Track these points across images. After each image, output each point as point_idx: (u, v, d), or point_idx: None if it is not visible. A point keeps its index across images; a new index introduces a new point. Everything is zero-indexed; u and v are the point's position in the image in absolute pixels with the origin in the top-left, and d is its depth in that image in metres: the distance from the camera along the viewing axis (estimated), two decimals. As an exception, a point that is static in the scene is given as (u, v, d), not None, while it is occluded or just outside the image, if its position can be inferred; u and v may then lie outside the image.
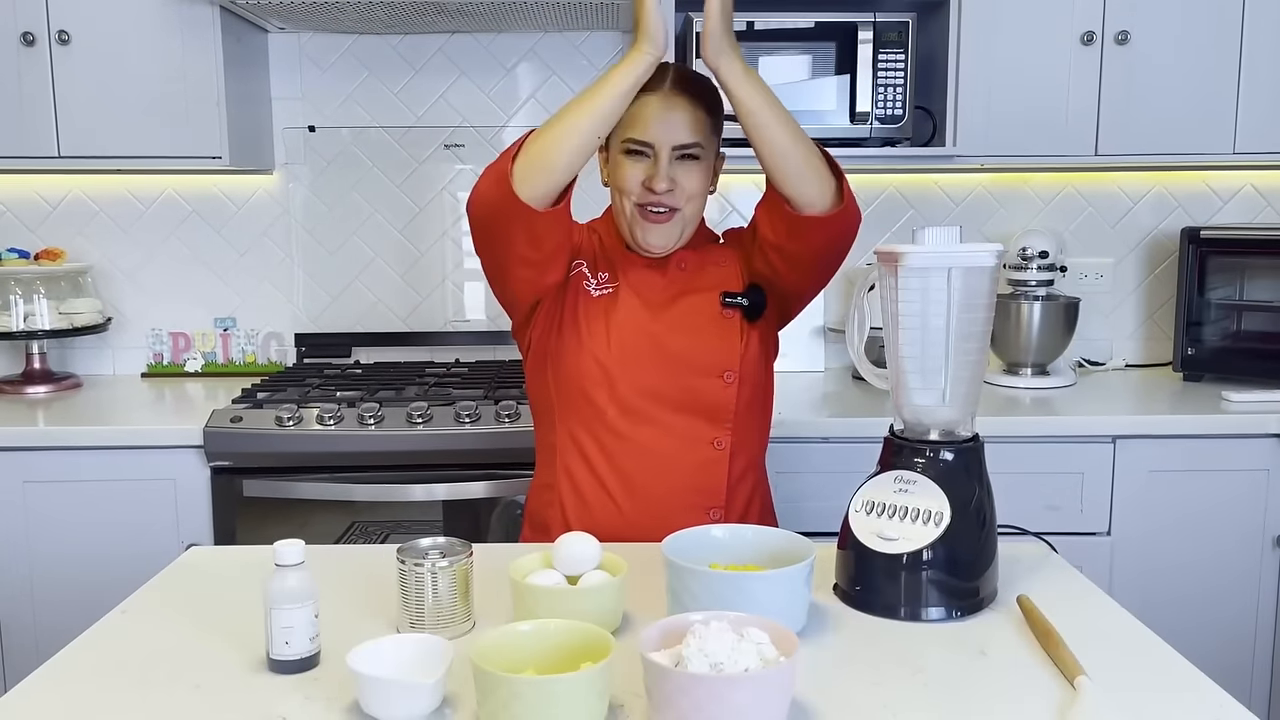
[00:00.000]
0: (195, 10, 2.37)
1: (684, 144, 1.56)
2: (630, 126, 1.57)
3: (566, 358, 1.61)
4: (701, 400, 1.59)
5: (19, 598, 2.22)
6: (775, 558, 1.23)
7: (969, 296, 1.25)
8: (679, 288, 1.64)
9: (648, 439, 1.58)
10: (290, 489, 2.19)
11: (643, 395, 1.58)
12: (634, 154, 1.58)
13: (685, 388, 1.59)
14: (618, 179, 1.61)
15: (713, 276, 1.66)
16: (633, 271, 1.65)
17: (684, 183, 1.58)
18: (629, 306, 1.61)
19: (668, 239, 1.60)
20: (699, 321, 1.61)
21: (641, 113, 1.56)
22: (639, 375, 1.58)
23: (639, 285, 1.64)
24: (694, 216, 1.62)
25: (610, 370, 1.58)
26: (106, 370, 2.83)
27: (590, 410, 1.59)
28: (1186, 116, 2.44)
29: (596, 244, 1.69)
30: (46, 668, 1.12)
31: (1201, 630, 2.29)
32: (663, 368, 1.59)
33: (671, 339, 1.60)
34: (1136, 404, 2.43)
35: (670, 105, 1.56)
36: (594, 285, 1.64)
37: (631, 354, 1.58)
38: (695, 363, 1.60)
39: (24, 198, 2.77)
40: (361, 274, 2.81)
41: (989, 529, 1.28)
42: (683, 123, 1.57)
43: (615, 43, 2.75)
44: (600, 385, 1.58)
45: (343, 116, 2.77)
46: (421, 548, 1.20)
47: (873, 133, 2.40)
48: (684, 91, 1.58)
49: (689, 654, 0.95)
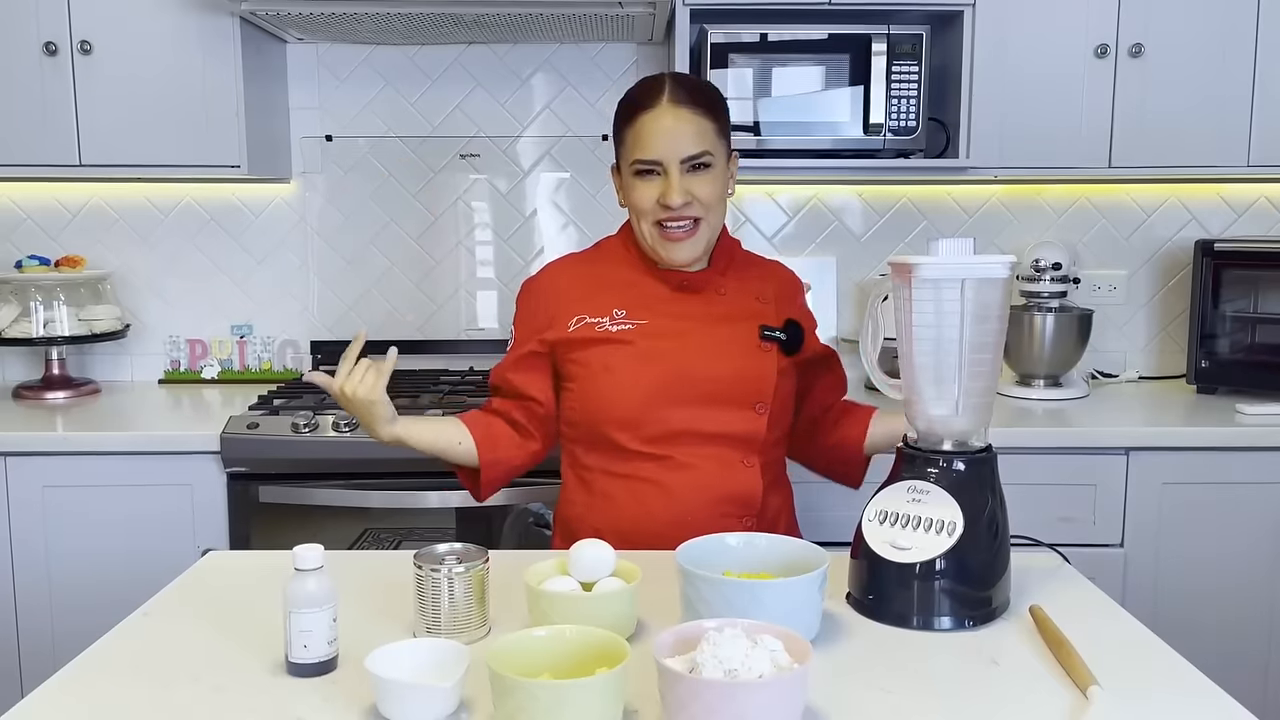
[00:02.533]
0: (215, 21, 2.40)
1: (692, 155, 1.55)
2: (635, 147, 1.57)
3: (591, 402, 1.61)
4: (732, 430, 1.59)
5: (37, 601, 2.24)
6: (789, 566, 1.24)
7: (982, 308, 1.26)
8: (718, 313, 1.63)
9: (675, 463, 1.58)
10: (305, 495, 2.21)
11: (669, 431, 1.58)
12: (645, 174, 1.57)
13: (716, 419, 1.58)
14: (632, 201, 1.60)
15: (750, 307, 1.65)
16: (661, 300, 1.63)
17: (699, 193, 1.56)
18: (655, 341, 1.59)
19: (694, 251, 1.60)
20: (734, 351, 1.60)
21: (644, 132, 1.56)
22: (668, 414, 1.57)
23: (670, 312, 1.62)
24: (717, 224, 1.62)
25: (639, 414, 1.58)
26: (125, 377, 2.86)
27: (618, 445, 1.60)
28: (1200, 129, 2.45)
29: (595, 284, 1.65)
30: (68, 669, 1.14)
31: (1215, 642, 2.28)
32: (693, 400, 1.58)
33: (705, 367, 1.58)
34: (1150, 416, 2.43)
35: (672, 118, 1.55)
36: (610, 323, 1.62)
37: (660, 394, 1.57)
38: (728, 394, 1.59)
39: (45, 205, 2.80)
40: (377, 282, 2.83)
41: (1001, 539, 1.28)
42: (687, 134, 1.55)
43: (630, 54, 2.77)
44: (626, 425, 1.58)
45: (360, 126, 2.80)
46: (438, 553, 1.21)
47: (886, 144, 2.41)
48: (683, 102, 1.56)
49: (703, 660, 0.95)
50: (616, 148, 1.65)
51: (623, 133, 1.61)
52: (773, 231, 2.83)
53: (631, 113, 1.59)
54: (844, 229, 2.82)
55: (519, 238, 2.82)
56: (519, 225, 2.82)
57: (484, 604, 1.21)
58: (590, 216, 2.81)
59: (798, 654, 0.98)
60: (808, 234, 2.83)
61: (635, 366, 1.58)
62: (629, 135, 1.58)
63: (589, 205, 2.82)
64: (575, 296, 1.65)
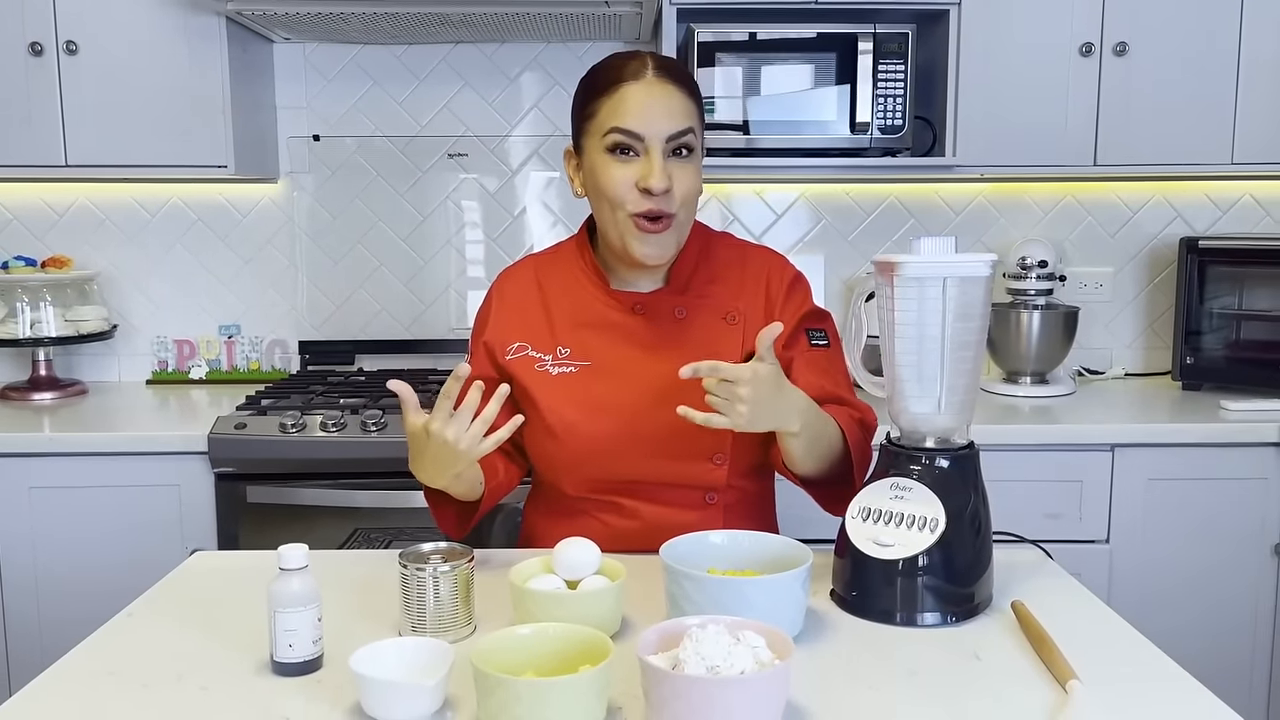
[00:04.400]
0: (202, 21, 2.40)
1: (678, 131, 1.39)
2: (615, 115, 1.39)
3: (533, 447, 1.50)
4: (686, 482, 1.47)
5: (25, 603, 2.24)
6: (773, 563, 1.24)
7: (964, 306, 1.27)
8: (670, 346, 1.46)
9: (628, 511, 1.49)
10: (294, 495, 2.21)
11: (617, 485, 1.47)
12: (620, 152, 1.40)
13: (666, 470, 1.45)
14: (604, 186, 1.41)
15: (712, 334, 1.47)
16: (609, 330, 1.48)
17: (679, 183, 1.40)
18: (601, 388, 1.45)
19: (664, 249, 1.43)
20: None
21: (629, 100, 1.39)
22: (613, 468, 1.45)
23: (617, 347, 1.47)
24: (688, 223, 1.46)
25: (582, 466, 1.46)
26: (112, 377, 2.85)
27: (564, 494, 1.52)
28: (1185, 127, 2.46)
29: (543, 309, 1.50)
30: (53, 670, 1.14)
31: (1200, 637, 2.30)
32: (641, 455, 1.44)
33: (653, 418, 1.42)
34: (1136, 413, 2.44)
35: (658, 90, 1.40)
36: (551, 363, 1.48)
37: (605, 450, 1.44)
38: (679, 446, 1.43)
39: (31, 206, 2.79)
40: (365, 282, 2.83)
41: (984, 535, 1.29)
42: (675, 109, 1.40)
43: (618, 53, 2.77)
44: (571, 476, 1.48)
45: (347, 126, 2.80)
46: (423, 552, 1.21)
47: (873, 143, 2.42)
48: (670, 78, 1.42)
49: (685, 657, 0.96)
50: (580, 124, 1.46)
51: (593, 104, 1.42)
52: (761, 230, 2.84)
53: (610, 81, 1.41)
54: (831, 227, 2.83)
55: (507, 237, 2.83)
56: (507, 224, 2.83)
57: (469, 603, 1.21)
58: (579, 215, 2.81)
59: (780, 650, 0.99)
60: (795, 232, 2.84)
61: (578, 418, 1.45)
62: (604, 105, 1.40)
63: (578, 204, 2.82)
64: (521, 319, 1.52)
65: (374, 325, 2.84)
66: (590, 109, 1.44)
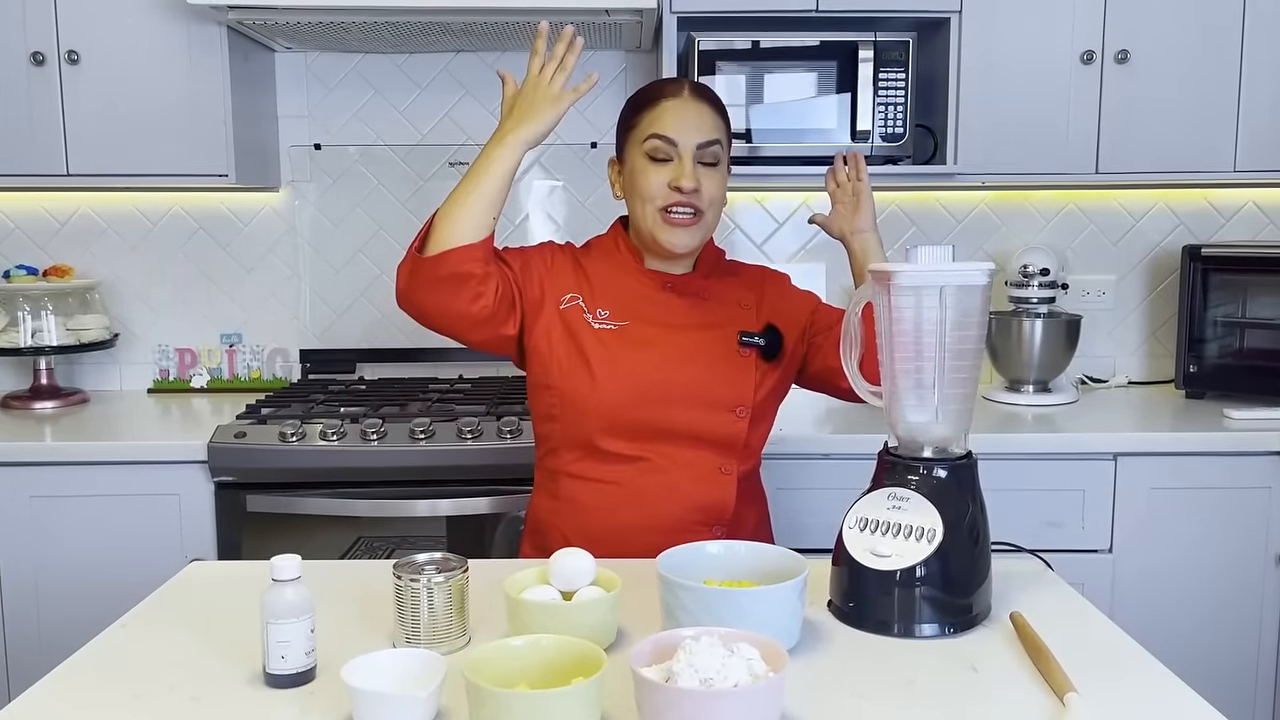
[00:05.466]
0: (203, 30, 2.40)
1: (707, 141, 1.61)
2: (655, 124, 1.61)
3: (572, 397, 1.61)
4: (712, 433, 1.61)
5: (25, 611, 2.24)
6: (769, 574, 1.24)
7: (961, 315, 1.26)
8: (697, 318, 1.66)
9: (653, 466, 1.60)
10: (294, 504, 2.21)
11: (650, 431, 1.60)
12: (656, 160, 1.61)
13: (695, 420, 1.60)
14: (639, 185, 1.63)
15: (731, 313, 1.68)
16: (644, 301, 1.66)
17: (706, 186, 1.61)
18: (638, 343, 1.62)
19: (691, 241, 1.63)
20: (713, 356, 1.63)
21: (667, 113, 1.61)
22: (648, 414, 1.59)
23: (652, 314, 1.65)
24: (714, 223, 1.66)
25: (619, 413, 1.59)
26: (113, 386, 2.85)
27: (596, 445, 1.61)
28: (1186, 134, 2.45)
29: (586, 278, 1.68)
30: (47, 680, 1.14)
31: (1203, 647, 2.29)
32: (673, 402, 1.59)
33: (684, 372, 1.61)
34: (1138, 421, 2.43)
35: (693, 107, 1.62)
36: (593, 319, 1.64)
37: (640, 394, 1.59)
38: (708, 397, 1.61)
39: (33, 215, 2.80)
40: (366, 290, 2.83)
41: (982, 546, 1.28)
42: (706, 123, 1.62)
43: (619, 62, 2.78)
44: (607, 425, 1.60)
45: (348, 135, 2.80)
46: (418, 563, 1.21)
47: (874, 150, 2.41)
48: (702, 97, 1.64)
49: (679, 669, 0.95)
50: (625, 134, 1.67)
51: (637, 116, 1.65)
52: (762, 238, 2.83)
53: (653, 97, 1.64)
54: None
55: (509, 244, 2.81)
56: (509, 232, 2.82)
57: (464, 614, 1.21)
58: (581, 223, 2.81)
59: (774, 662, 0.98)
60: (797, 240, 2.83)
61: (615, 367, 1.60)
62: (646, 117, 1.63)
63: (580, 212, 2.82)
64: (570, 279, 1.68)
65: (375, 334, 2.84)
66: (633, 121, 1.66)
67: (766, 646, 1.00)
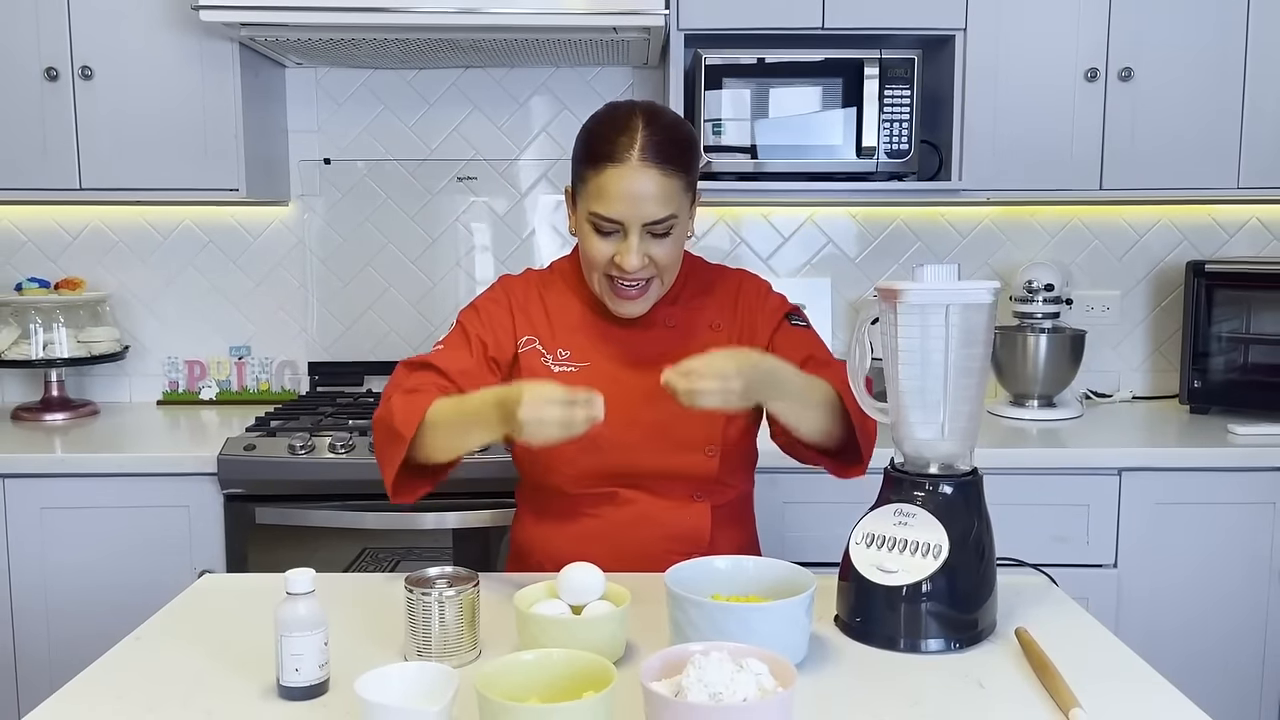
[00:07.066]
0: (215, 46, 2.43)
1: (656, 220, 1.45)
2: (597, 199, 1.45)
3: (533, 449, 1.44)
4: (681, 472, 1.55)
5: (35, 623, 2.25)
6: (777, 589, 1.25)
7: (967, 333, 1.27)
8: (663, 348, 1.54)
9: (624, 498, 1.55)
10: (302, 516, 2.22)
11: (617, 476, 1.54)
12: (601, 232, 1.47)
13: (663, 462, 1.53)
14: (585, 249, 1.51)
15: (702, 340, 1.53)
16: (606, 339, 1.57)
17: (657, 256, 1.48)
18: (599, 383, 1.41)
19: (642, 308, 1.54)
20: None
21: (609, 186, 1.44)
22: (614, 460, 1.52)
23: (614, 352, 1.56)
24: (670, 280, 1.55)
25: (582, 460, 1.51)
26: (123, 398, 2.87)
27: (564, 490, 1.56)
28: (1190, 151, 2.46)
29: (545, 314, 1.58)
30: (61, 694, 1.15)
31: (1208, 662, 2.29)
32: (638, 446, 1.52)
33: (649, 410, 1.49)
34: (1143, 436, 2.44)
35: (641, 179, 1.43)
36: (552, 361, 1.55)
37: (604, 441, 1.45)
38: (674, 437, 1.52)
39: (45, 228, 2.82)
40: (375, 304, 2.85)
41: (988, 561, 1.29)
42: (655, 197, 1.44)
43: (626, 77, 2.80)
44: (573, 475, 1.54)
45: (358, 149, 2.82)
46: (429, 577, 1.22)
47: (879, 167, 2.43)
48: (654, 161, 1.44)
49: (688, 684, 0.96)
50: (575, 180, 1.52)
51: (584, 172, 1.48)
52: (768, 253, 2.85)
53: (597, 159, 1.46)
54: (838, 250, 2.84)
55: (516, 259, 2.84)
56: (516, 246, 2.84)
57: (474, 627, 1.22)
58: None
59: (783, 677, 0.99)
60: (802, 255, 2.85)
61: None
62: (591, 182, 1.45)
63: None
64: (527, 318, 1.59)
65: (383, 346, 2.86)
66: (581, 173, 1.50)
67: (775, 662, 1.00)
